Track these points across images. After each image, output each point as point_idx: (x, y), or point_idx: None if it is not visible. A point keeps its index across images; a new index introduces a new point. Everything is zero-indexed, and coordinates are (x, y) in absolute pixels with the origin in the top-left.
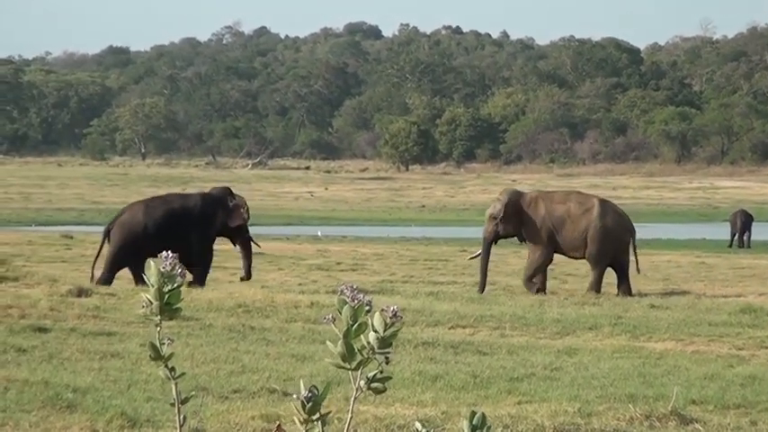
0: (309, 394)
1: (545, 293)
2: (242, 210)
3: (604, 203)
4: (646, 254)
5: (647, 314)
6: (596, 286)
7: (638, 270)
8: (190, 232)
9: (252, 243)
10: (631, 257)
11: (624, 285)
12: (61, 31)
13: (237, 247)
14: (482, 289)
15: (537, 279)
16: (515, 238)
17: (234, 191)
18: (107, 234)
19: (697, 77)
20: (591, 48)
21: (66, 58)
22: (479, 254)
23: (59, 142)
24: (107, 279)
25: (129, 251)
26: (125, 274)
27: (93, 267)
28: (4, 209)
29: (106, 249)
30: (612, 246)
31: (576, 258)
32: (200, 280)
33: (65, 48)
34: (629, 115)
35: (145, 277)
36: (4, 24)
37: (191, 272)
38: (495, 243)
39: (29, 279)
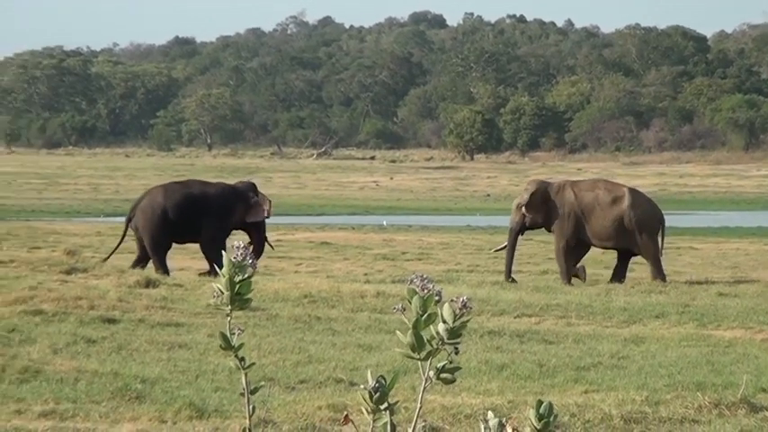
0: (377, 384)
1: (571, 283)
2: (263, 208)
3: (634, 192)
4: (714, 242)
5: (715, 302)
6: (659, 273)
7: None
8: (205, 219)
9: (266, 243)
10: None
11: (622, 274)
12: (128, 22)
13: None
14: (508, 276)
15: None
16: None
17: (259, 186)
18: (128, 222)
19: (765, 65)
20: (657, 36)
21: (134, 49)
22: (504, 246)
23: (127, 133)
24: (158, 264)
25: (161, 231)
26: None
27: (110, 254)
28: (74, 200)
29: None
30: (653, 233)
31: (606, 248)
32: (212, 268)
33: (132, 39)
34: (695, 103)
35: (161, 261)
36: (74, 16)
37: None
38: (522, 234)
39: (97, 270)
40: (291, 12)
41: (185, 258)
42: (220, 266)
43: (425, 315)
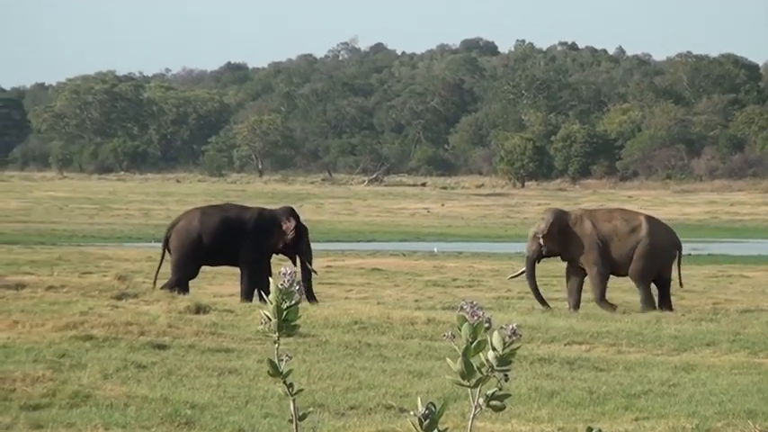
0: (427, 411)
1: (577, 310)
2: (289, 232)
3: (651, 220)
4: (765, 270)
5: (767, 330)
6: (649, 302)
7: (680, 284)
8: (241, 244)
9: (310, 269)
10: (675, 273)
11: (667, 302)
12: (180, 47)
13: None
14: (543, 303)
15: (607, 295)
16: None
17: (298, 211)
18: (166, 243)
19: None
20: (708, 64)
21: (185, 74)
22: (521, 272)
23: (178, 159)
24: (174, 283)
25: (190, 257)
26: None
27: (155, 276)
28: (125, 225)
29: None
30: (660, 262)
31: (621, 276)
32: (245, 293)
33: (184, 64)
34: (746, 132)
35: (181, 282)
36: (126, 41)
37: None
38: (539, 262)
39: (148, 296)
40: (343, 38)
41: (236, 284)
42: (261, 290)
43: (475, 342)
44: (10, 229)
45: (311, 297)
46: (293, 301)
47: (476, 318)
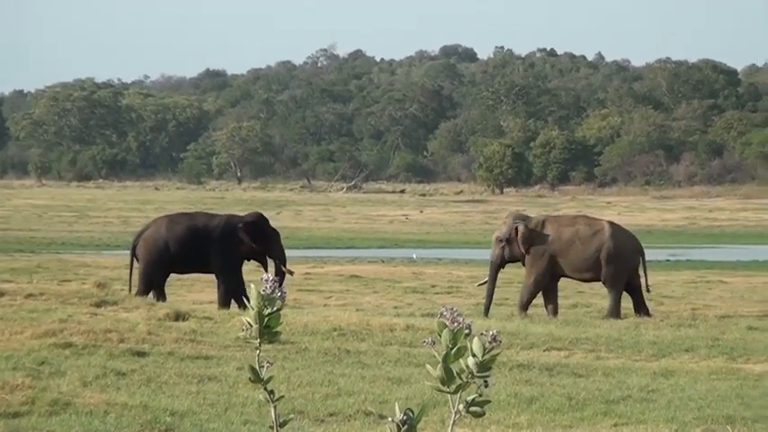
0: (404, 417)
1: (556, 315)
2: (245, 240)
3: (614, 225)
4: (743, 275)
5: (745, 336)
6: (615, 310)
7: (647, 289)
8: (210, 252)
9: (284, 269)
10: (642, 279)
11: (643, 308)
12: (159, 54)
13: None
14: (486, 311)
15: (551, 305)
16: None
17: (269, 216)
18: (134, 250)
19: None
20: (687, 69)
21: (164, 81)
22: (486, 281)
23: (157, 166)
24: (142, 292)
25: (157, 265)
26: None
27: (129, 284)
28: (104, 233)
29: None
30: (626, 266)
31: (585, 281)
32: (221, 301)
33: (163, 71)
34: (725, 137)
35: (151, 294)
36: (105, 48)
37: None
38: (503, 267)
39: (127, 303)
40: (322, 45)
41: (214, 292)
42: (236, 296)
43: (455, 348)
44: None
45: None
46: (275, 308)
47: (456, 324)
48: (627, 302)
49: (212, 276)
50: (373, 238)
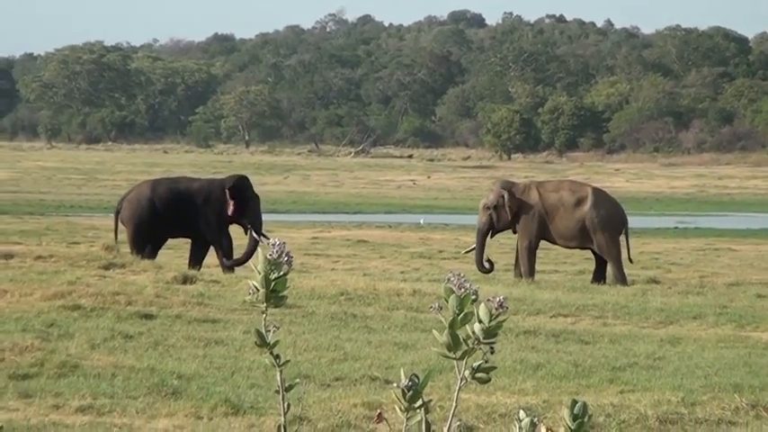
0: (410, 383)
1: (532, 276)
2: (228, 202)
3: (598, 192)
4: (753, 243)
5: (754, 303)
6: (621, 276)
7: (630, 260)
8: (196, 216)
9: (262, 236)
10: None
11: (601, 272)
12: (168, 18)
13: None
14: (481, 266)
15: (530, 267)
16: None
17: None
18: (117, 214)
19: None
20: (697, 37)
21: (173, 45)
22: (473, 248)
23: (165, 129)
24: (136, 254)
25: (142, 227)
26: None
27: (114, 244)
28: (112, 195)
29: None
30: (617, 233)
31: (570, 248)
32: (224, 264)
33: (171, 35)
34: (735, 105)
35: (139, 254)
36: (114, 12)
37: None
38: (492, 236)
39: (135, 266)
40: (331, 9)
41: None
42: (228, 257)
43: (462, 314)
44: None
45: (239, 263)
46: (281, 272)
47: (462, 290)
48: (630, 269)
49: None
50: (381, 203)
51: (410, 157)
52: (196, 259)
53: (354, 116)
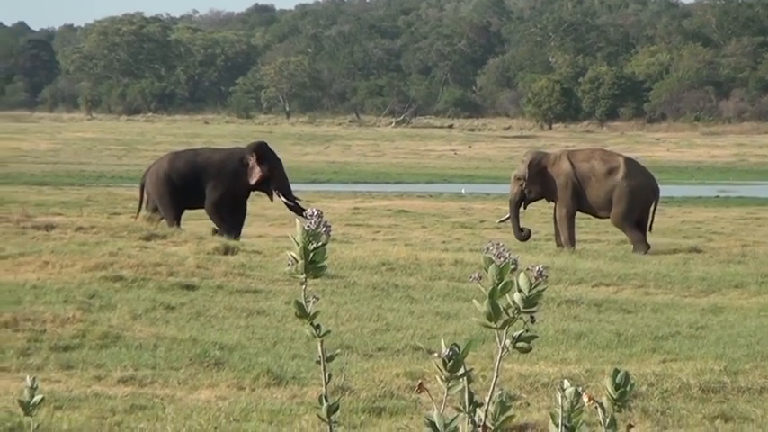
0: (451, 352)
1: (574, 246)
2: (255, 170)
3: (630, 162)
4: None
5: None
6: (640, 244)
7: (650, 228)
8: (208, 185)
9: (284, 201)
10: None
11: (640, 242)
12: None
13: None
14: (519, 234)
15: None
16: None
17: (272, 146)
18: (142, 187)
19: None
20: (737, 6)
21: (213, 16)
22: (508, 217)
23: (206, 100)
24: (169, 224)
25: (168, 197)
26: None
27: (137, 216)
28: None
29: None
30: (638, 205)
31: (602, 218)
32: (224, 231)
33: (211, 6)
34: None
35: (168, 224)
36: None
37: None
38: (525, 207)
39: (176, 237)
40: None
41: (264, 225)
42: (223, 232)
43: (501, 284)
44: (40, 171)
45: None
46: (320, 243)
47: (502, 259)
48: (673, 237)
49: (257, 210)
50: (422, 173)
51: (450, 127)
52: (236, 226)
53: (395, 86)
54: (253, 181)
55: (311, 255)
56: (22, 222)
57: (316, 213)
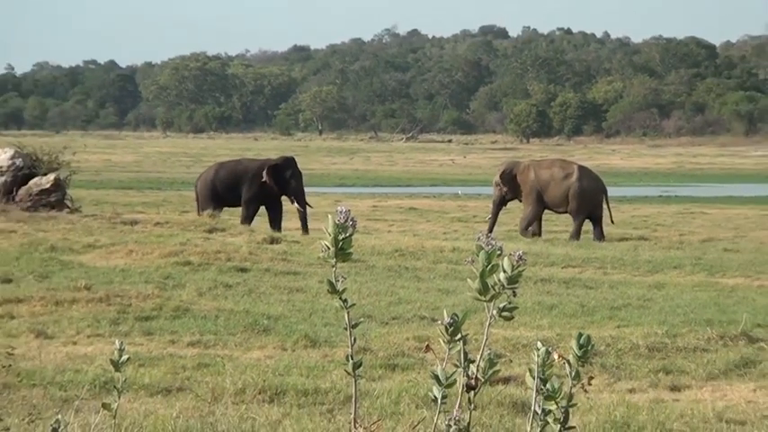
0: (451, 320)
1: (540, 236)
2: (260, 178)
3: (583, 168)
4: (720, 208)
5: (722, 256)
6: (576, 235)
7: (611, 221)
8: (243, 188)
9: (296, 207)
10: (605, 213)
11: (597, 232)
12: (257, 33)
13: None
14: (490, 231)
15: (531, 228)
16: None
17: (298, 161)
18: (196, 186)
19: (762, 68)
20: (676, 45)
21: (261, 54)
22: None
23: (256, 121)
24: (244, 221)
25: (207, 198)
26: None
27: (197, 211)
28: None
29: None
30: (590, 203)
31: (560, 213)
32: (247, 223)
33: (260, 46)
34: (706, 98)
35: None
36: (215, 27)
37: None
38: (505, 206)
39: (232, 230)
40: (386, 25)
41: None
42: (244, 221)
43: (490, 266)
44: (126, 178)
45: (305, 228)
46: (348, 234)
47: (490, 247)
48: (624, 228)
49: (296, 208)
50: (427, 178)
51: (449, 141)
52: (274, 222)
53: (405, 110)
54: (277, 187)
55: (341, 243)
56: (113, 219)
57: (344, 211)
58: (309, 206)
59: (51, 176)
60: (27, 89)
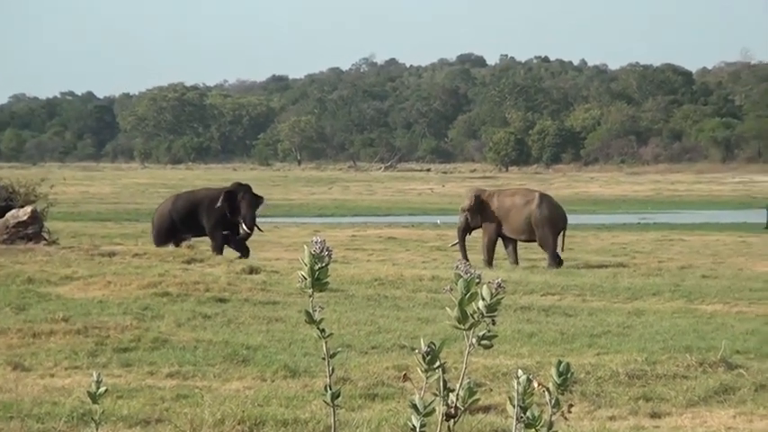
0: (428, 349)
1: (517, 264)
2: (216, 204)
3: (543, 197)
4: (698, 234)
5: (700, 282)
6: (554, 261)
7: (562, 249)
8: (200, 219)
9: (243, 229)
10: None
11: (515, 257)
12: (235, 63)
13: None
14: (465, 259)
15: (491, 256)
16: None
17: (256, 190)
18: (153, 219)
19: (738, 94)
20: (653, 72)
21: (239, 84)
22: (457, 242)
23: (234, 151)
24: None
25: (164, 231)
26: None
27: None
28: None
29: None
30: (553, 228)
31: (522, 241)
32: (213, 250)
33: (238, 76)
34: (683, 125)
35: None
36: (192, 58)
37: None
38: (470, 233)
39: (211, 261)
40: (364, 54)
41: (280, 251)
42: (215, 250)
43: (468, 294)
44: (104, 209)
45: (245, 251)
46: (323, 264)
47: (468, 275)
48: (603, 255)
49: (275, 238)
50: (406, 207)
51: (428, 170)
52: (239, 248)
53: (383, 139)
54: (231, 213)
55: (317, 273)
56: (91, 251)
57: (320, 241)
58: (260, 230)
59: (28, 209)
60: (4, 121)
